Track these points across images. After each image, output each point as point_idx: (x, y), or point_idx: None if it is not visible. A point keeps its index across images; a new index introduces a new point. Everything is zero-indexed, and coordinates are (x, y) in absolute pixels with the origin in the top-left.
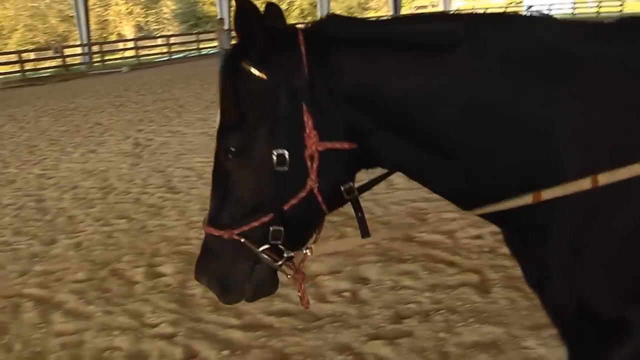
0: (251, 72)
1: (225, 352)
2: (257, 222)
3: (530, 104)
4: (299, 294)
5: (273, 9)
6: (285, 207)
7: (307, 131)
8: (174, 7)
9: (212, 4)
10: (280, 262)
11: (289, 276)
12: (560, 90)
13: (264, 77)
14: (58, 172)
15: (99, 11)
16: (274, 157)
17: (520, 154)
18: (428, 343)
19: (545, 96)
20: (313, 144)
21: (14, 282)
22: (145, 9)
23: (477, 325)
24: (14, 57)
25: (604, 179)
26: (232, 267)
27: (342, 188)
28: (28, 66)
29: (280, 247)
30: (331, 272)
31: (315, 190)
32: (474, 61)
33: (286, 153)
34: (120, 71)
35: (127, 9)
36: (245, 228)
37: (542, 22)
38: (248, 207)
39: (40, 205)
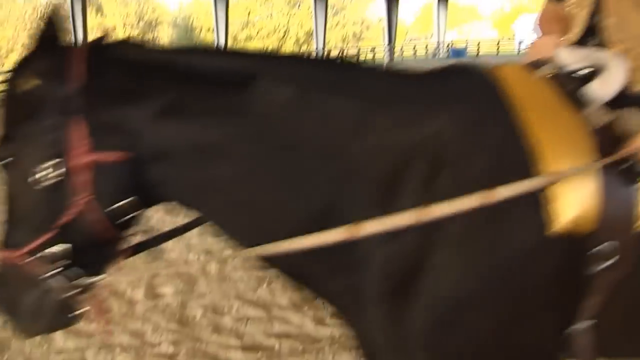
0: (24, 82)
1: None
2: (37, 242)
3: (324, 147)
4: (97, 325)
5: (54, 22)
6: (63, 224)
7: (75, 142)
8: (171, 33)
9: (209, 30)
10: (71, 291)
11: (84, 307)
12: (355, 134)
13: (35, 86)
14: None
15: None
16: (43, 170)
17: (315, 202)
18: None
19: (338, 140)
20: (81, 155)
21: None
22: (142, 35)
23: None
24: None
25: (438, 210)
26: (22, 294)
27: (126, 205)
28: None
29: (72, 271)
30: None
31: (90, 206)
32: (264, 102)
33: (54, 165)
34: None
35: (124, 34)
36: (26, 249)
37: (343, 66)
38: (27, 225)
39: None
